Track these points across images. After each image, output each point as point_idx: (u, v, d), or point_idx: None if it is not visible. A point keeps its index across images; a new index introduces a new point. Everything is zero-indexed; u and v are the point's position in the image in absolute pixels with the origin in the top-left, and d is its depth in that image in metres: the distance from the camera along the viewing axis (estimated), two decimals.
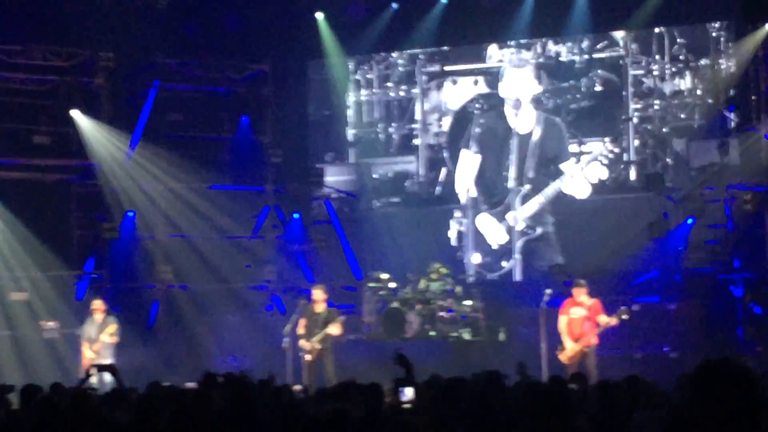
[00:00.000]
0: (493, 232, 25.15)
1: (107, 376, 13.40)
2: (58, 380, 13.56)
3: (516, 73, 25.56)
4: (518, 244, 24.99)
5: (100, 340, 19.35)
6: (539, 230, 24.80)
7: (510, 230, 25.07)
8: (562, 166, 24.65)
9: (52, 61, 24.10)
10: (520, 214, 24.93)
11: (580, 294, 18.66)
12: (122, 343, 19.85)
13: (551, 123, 25.13)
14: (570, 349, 18.28)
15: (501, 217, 25.13)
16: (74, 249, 24.08)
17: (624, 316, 18.35)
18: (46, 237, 23.01)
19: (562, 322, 18.57)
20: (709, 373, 4.65)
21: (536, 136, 25.08)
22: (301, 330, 19.30)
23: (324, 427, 7.94)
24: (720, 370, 4.64)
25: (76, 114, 24.02)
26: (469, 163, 25.73)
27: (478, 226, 25.34)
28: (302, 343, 19.13)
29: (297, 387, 13.87)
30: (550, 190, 24.66)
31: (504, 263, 25.07)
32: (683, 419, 4.69)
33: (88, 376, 12.45)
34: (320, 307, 19.46)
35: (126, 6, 23.92)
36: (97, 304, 19.89)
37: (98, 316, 19.68)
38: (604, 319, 18.39)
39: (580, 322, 18.45)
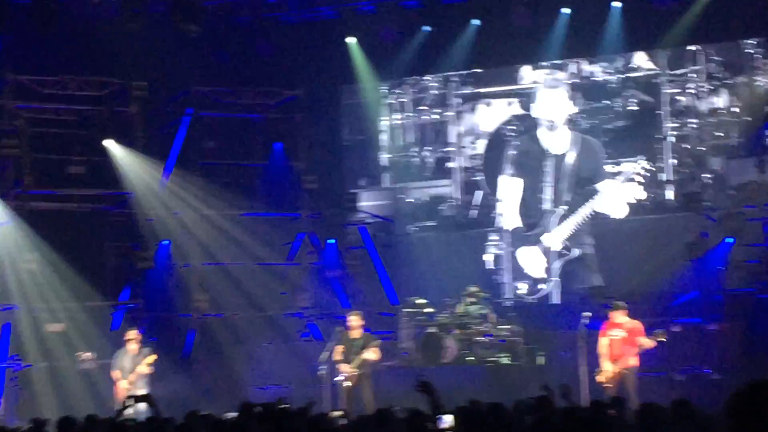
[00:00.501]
0: (534, 264, 24.98)
1: (143, 406, 13.27)
2: (94, 411, 13.48)
3: (550, 94, 25.42)
4: (555, 266, 24.82)
5: (136, 371, 19.24)
6: (576, 252, 24.62)
7: (547, 252, 24.89)
8: (598, 186, 24.48)
9: (86, 91, 24.15)
10: (556, 236, 24.76)
11: (619, 315, 18.47)
12: (158, 373, 19.76)
13: (587, 143, 24.97)
14: (608, 370, 18.06)
15: (537, 240, 24.97)
16: (109, 279, 24.06)
17: (661, 338, 18.11)
18: (82, 267, 22.99)
19: (603, 343, 18.36)
20: (756, 394, 4.51)
21: (571, 156, 24.93)
22: (337, 356, 19.20)
23: None
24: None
25: (109, 143, 24.06)
26: (510, 187, 25.58)
27: (518, 259, 25.18)
28: (341, 367, 19.02)
29: (336, 413, 13.71)
30: (585, 210, 24.50)
31: (542, 286, 24.90)
32: None
33: (125, 407, 12.34)
34: (357, 333, 19.35)
35: (159, 35, 23.92)
36: (132, 335, 19.80)
37: (133, 347, 19.57)
38: (643, 341, 18.17)
39: (619, 344, 18.24)
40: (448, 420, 9.51)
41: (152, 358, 19.38)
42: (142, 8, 23.80)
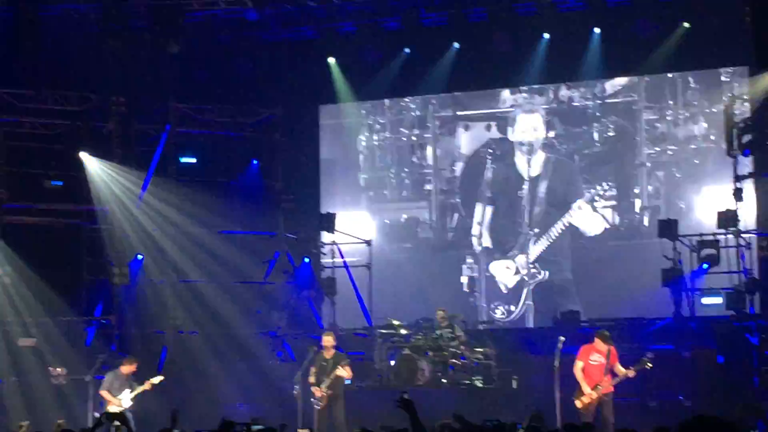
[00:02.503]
0: (505, 277, 25.11)
1: (116, 425, 13.19)
2: (65, 427, 13.38)
3: (527, 119, 25.52)
4: (530, 287, 24.91)
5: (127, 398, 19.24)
6: (547, 273, 24.76)
7: (519, 274, 25.00)
8: (573, 205, 24.69)
9: (63, 105, 24.10)
10: (530, 256, 24.90)
11: (601, 342, 18.33)
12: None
13: (561, 164, 25.10)
14: (588, 395, 17.99)
15: (512, 263, 25.09)
16: (84, 294, 23.96)
17: (648, 365, 18.02)
18: (55, 282, 22.89)
19: (578, 367, 18.25)
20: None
21: (546, 178, 25.05)
22: (311, 378, 19.11)
23: None
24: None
25: (86, 158, 23.99)
26: (482, 214, 25.69)
27: (492, 271, 25.31)
28: (314, 390, 18.94)
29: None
30: (558, 226, 24.70)
31: (513, 308, 24.98)
32: None
33: (98, 424, 12.25)
34: (329, 353, 19.28)
35: (139, 51, 23.92)
36: (129, 369, 19.69)
37: (127, 378, 19.53)
38: (622, 371, 18.06)
39: (599, 369, 18.13)
40: None
41: (158, 379, 19.45)
42: (122, 24, 23.77)
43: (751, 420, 15.91)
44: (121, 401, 19.16)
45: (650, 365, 18.01)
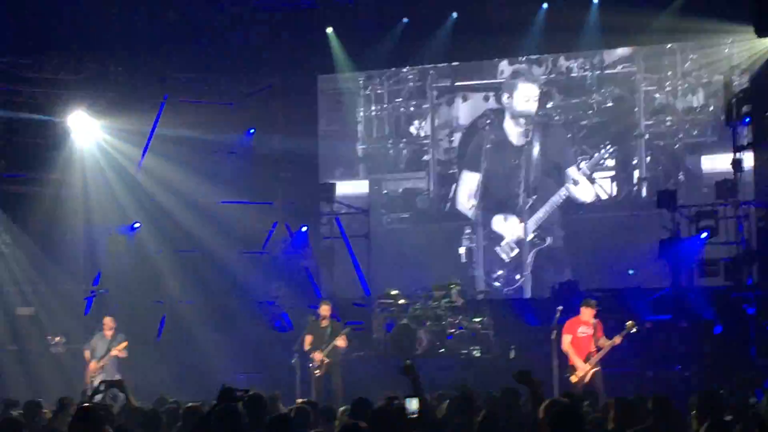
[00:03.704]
0: (508, 231, 25.11)
1: (115, 392, 13.24)
2: (64, 395, 13.40)
3: (524, 89, 25.49)
4: (529, 256, 24.93)
5: (108, 356, 19.31)
6: (549, 240, 24.78)
7: (520, 243, 25.02)
8: (568, 171, 24.67)
9: (62, 74, 23.99)
10: (529, 225, 24.90)
11: (588, 313, 18.30)
12: (129, 359, 19.75)
13: (555, 133, 25.08)
14: (582, 368, 17.97)
15: (512, 230, 25.13)
16: (82, 263, 23.95)
17: (633, 329, 18.00)
18: (54, 251, 22.88)
19: (566, 341, 18.18)
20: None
21: (543, 150, 25.06)
22: (307, 346, 19.18)
23: None
24: None
25: (82, 125, 23.93)
26: (470, 182, 25.70)
27: (494, 227, 25.28)
28: (314, 354, 19.01)
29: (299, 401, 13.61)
30: (556, 198, 24.70)
31: (517, 276, 25.03)
32: None
33: (97, 391, 12.28)
34: (326, 323, 19.34)
35: (137, 21, 23.82)
36: (108, 322, 19.82)
37: (108, 332, 19.65)
38: (607, 341, 18.01)
39: (588, 341, 18.11)
40: (413, 405, 9.42)
41: (124, 344, 19.47)
42: None
43: (749, 390, 15.97)
44: (99, 363, 19.24)
45: (636, 329, 17.99)
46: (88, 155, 24.30)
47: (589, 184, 24.67)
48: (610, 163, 24.75)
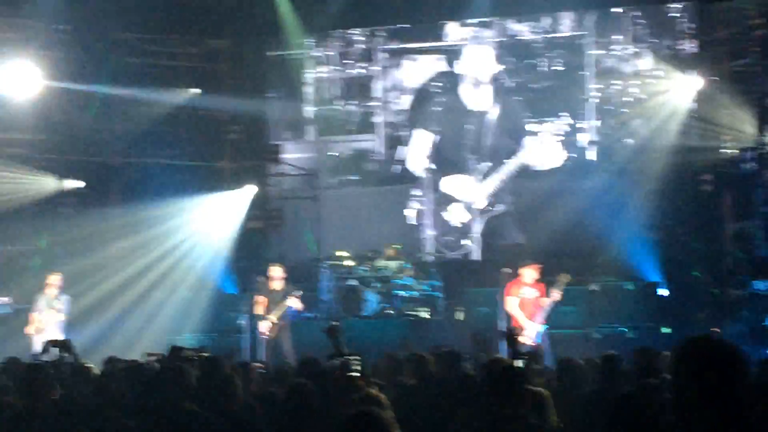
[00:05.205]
0: (459, 193, 25.16)
1: (60, 351, 13.16)
2: (10, 355, 13.33)
3: (475, 51, 25.50)
4: (479, 223, 24.99)
5: (51, 315, 19.11)
6: (501, 207, 24.84)
7: (470, 208, 25.06)
8: (523, 137, 24.73)
9: (5, 32, 23.71)
10: (480, 192, 24.92)
11: (530, 275, 18.39)
12: (75, 319, 19.61)
13: (508, 101, 25.11)
14: (531, 329, 18.10)
15: (462, 193, 25.18)
16: (29, 221, 23.74)
17: (566, 279, 18.13)
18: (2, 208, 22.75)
19: (512, 304, 18.26)
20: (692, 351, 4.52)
21: (494, 114, 25.07)
22: (259, 308, 19.14)
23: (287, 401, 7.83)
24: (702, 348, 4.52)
25: (33, 87, 23.72)
26: (423, 141, 25.70)
27: (443, 188, 25.31)
28: (262, 324, 18.97)
29: (257, 364, 13.67)
30: (509, 166, 24.73)
31: (464, 242, 25.08)
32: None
33: (43, 351, 12.23)
34: (278, 285, 19.31)
35: None
36: (54, 279, 19.59)
37: (52, 291, 19.39)
38: (546, 300, 18.15)
39: (533, 303, 18.22)
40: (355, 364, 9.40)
41: (64, 304, 19.27)
42: None
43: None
44: (43, 321, 19.06)
45: (569, 278, 18.12)
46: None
47: (545, 151, 24.67)
48: (563, 127, 24.78)
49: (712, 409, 4.36)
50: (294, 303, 19.04)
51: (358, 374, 8.66)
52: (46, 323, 18.99)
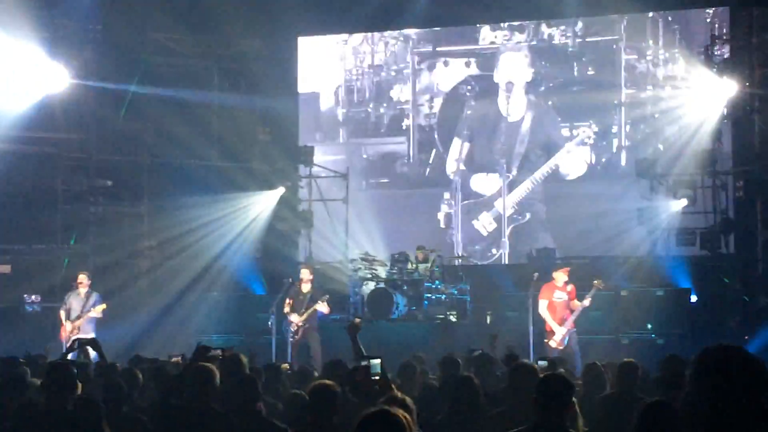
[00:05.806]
0: (491, 190, 25.08)
1: (89, 350, 13.20)
2: (39, 354, 13.37)
3: (511, 57, 25.41)
4: (507, 231, 24.92)
5: (84, 315, 19.17)
6: (528, 216, 24.74)
7: (499, 218, 25.01)
8: (556, 143, 24.66)
9: (40, 33, 23.79)
10: (508, 201, 24.85)
11: (561, 278, 18.47)
12: (104, 319, 19.67)
13: (543, 109, 25.01)
14: (560, 333, 18.10)
15: (491, 205, 25.10)
16: (59, 222, 23.82)
17: (600, 287, 18.18)
18: (32, 210, 22.79)
19: (543, 306, 18.34)
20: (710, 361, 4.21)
21: (527, 121, 24.97)
22: (286, 309, 19.17)
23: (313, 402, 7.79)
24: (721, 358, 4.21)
25: (64, 86, 23.80)
26: (460, 151, 25.65)
27: (474, 186, 25.24)
28: (292, 318, 19.00)
29: (284, 365, 13.67)
30: (538, 174, 24.65)
31: (494, 251, 25.03)
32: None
33: (70, 350, 12.27)
34: (306, 287, 19.32)
35: None
36: (83, 278, 19.67)
37: (83, 290, 19.48)
38: (577, 304, 18.24)
39: (563, 306, 18.28)
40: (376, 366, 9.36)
41: (102, 307, 19.33)
42: None
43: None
44: (74, 324, 19.10)
45: (602, 284, 18.15)
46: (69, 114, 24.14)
47: (577, 157, 24.57)
48: (593, 132, 24.66)
49: (727, 426, 4.04)
50: (322, 308, 19.06)
51: (379, 377, 8.61)
52: (78, 324, 19.05)
